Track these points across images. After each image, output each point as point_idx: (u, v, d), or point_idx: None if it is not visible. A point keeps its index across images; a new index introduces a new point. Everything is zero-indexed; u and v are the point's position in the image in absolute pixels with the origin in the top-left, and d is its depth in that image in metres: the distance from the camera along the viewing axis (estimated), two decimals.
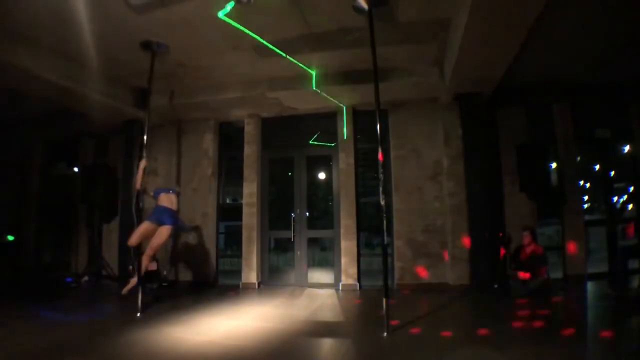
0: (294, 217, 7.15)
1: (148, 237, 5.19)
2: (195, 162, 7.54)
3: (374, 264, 7.38)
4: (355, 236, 6.70)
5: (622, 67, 5.90)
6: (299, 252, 7.10)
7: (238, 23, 4.69)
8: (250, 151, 7.31)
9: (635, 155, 6.83)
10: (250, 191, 7.18)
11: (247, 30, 4.84)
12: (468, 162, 6.17)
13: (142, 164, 5.14)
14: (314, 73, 6.18)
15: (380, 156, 4.07)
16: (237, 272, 7.25)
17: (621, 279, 5.74)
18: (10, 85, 5.84)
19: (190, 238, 7.26)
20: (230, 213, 8.08)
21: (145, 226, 5.19)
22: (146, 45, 5.22)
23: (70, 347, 3.46)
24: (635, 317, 4.29)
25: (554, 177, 6.36)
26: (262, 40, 5.10)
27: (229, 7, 4.32)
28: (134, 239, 5.13)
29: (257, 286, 6.89)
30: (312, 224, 7.57)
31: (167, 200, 5.42)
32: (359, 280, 6.61)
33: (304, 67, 5.91)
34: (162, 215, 5.25)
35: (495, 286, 5.60)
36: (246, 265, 7.00)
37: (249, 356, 3.28)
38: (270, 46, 5.21)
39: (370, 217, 7.24)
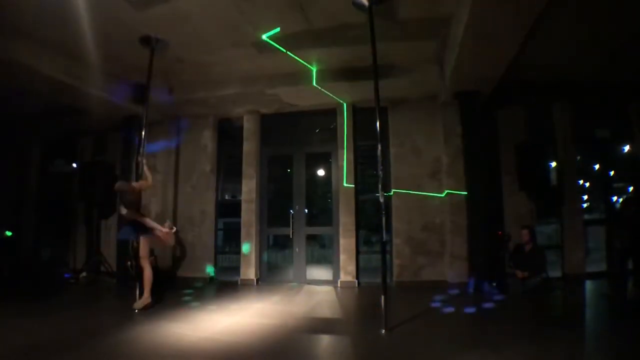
0: (292, 214, 7.15)
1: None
2: (194, 158, 7.52)
3: (373, 261, 7.39)
4: (354, 233, 6.69)
5: (622, 68, 5.88)
6: (297, 249, 7.10)
7: (240, 17, 4.73)
8: (249, 148, 7.29)
9: (635, 155, 6.82)
10: (249, 188, 7.17)
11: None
12: (467, 160, 6.15)
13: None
14: (314, 69, 6.17)
15: (378, 151, 4.07)
16: (236, 269, 7.24)
17: (619, 279, 5.74)
18: (9, 82, 5.80)
19: (189, 235, 7.26)
20: (229, 210, 8.07)
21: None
22: (145, 41, 5.20)
23: (68, 343, 3.45)
24: (631, 317, 4.28)
25: (553, 177, 6.36)
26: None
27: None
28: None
29: (255, 283, 6.88)
30: (311, 221, 7.56)
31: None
32: (357, 277, 6.61)
33: (305, 63, 5.89)
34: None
35: (494, 284, 5.60)
36: (245, 262, 7.00)
37: (247, 352, 3.27)
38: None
39: (369, 215, 7.22)
